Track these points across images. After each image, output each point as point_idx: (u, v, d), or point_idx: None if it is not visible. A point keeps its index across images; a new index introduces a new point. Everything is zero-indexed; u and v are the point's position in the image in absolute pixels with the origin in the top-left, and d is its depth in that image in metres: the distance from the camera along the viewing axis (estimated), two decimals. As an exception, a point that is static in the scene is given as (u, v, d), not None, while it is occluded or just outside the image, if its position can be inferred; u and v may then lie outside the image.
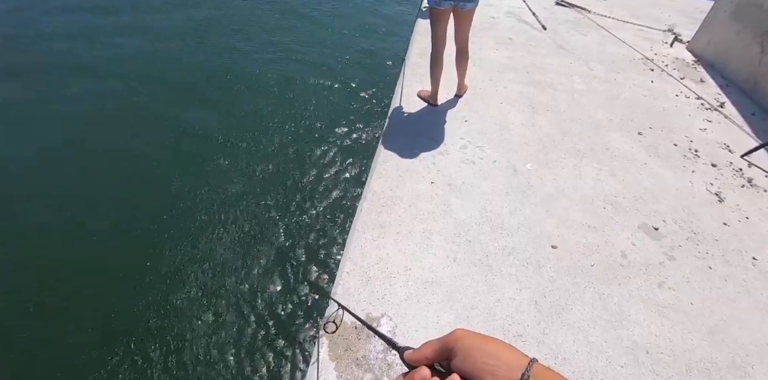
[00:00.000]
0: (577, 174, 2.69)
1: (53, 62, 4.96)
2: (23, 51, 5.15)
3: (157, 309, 2.60)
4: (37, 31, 5.59)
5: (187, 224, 3.14)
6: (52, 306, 2.56)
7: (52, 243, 2.93)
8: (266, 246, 3.04)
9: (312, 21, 6.73)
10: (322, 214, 3.34)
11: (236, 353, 2.44)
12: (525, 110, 3.28)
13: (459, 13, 2.74)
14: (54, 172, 3.49)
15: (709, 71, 4.19)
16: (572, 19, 5.16)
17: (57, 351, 2.35)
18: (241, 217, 3.25)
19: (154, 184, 3.47)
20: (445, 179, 2.54)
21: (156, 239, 3.00)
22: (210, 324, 2.56)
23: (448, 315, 1.81)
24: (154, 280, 2.75)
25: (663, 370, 1.70)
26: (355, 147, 4.11)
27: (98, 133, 3.95)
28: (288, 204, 3.39)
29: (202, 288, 2.74)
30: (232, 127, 4.19)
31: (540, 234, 2.24)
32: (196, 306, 2.64)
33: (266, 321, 2.61)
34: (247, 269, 2.89)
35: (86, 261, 2.83)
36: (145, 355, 2.38)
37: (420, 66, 3.68)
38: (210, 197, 3.38)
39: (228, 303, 2.68)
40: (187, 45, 5.62)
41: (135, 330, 2.48)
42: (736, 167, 2.89)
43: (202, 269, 2.85)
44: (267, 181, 3.60)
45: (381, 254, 2.05)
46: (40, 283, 2.68)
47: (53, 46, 5.29)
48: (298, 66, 5.40)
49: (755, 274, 2.14)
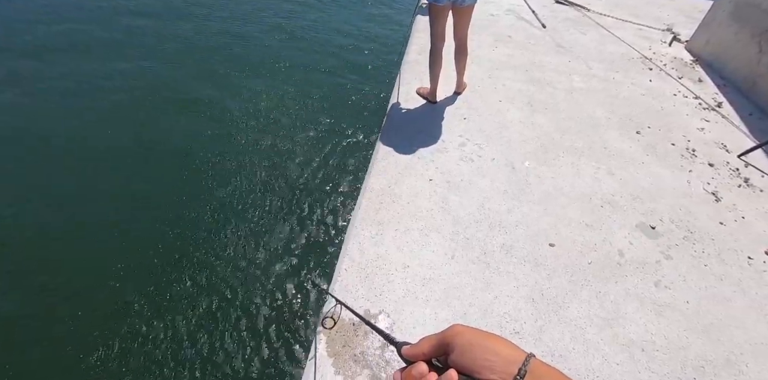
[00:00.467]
0: (575, 172, 2.70)
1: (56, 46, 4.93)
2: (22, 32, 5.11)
3: (155, 305, 2.59)
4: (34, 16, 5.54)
5: (184, 220, 3.13)
6: (52, 305, 2.55)
7: (51, 241, 2.91)
8: (264, 243, 3.04)
9: (311, 13, 6.69)
10: (319, 211, 3.33)
11: (234, 349, 2.44)
12: (524, 108, 3.28)
13: (458, 9, 2.73)
14: (53, 169, 3.47)
15: (708, 71, 4.20)
16: (572, 18, 5.15)
17: (56, 350, 2.35)
18: (239, 213, 3.24)
19: (152, 181, 3.45)
20: (444, 176, 2.54)
21: (153, 235, 2.99)
22: (208, 320, 2.56)
23: (446, 312, 1.82)
24: (152, 275, 2.74)
25: (658, 368, 1.71)
26: (354, 144, 4.10)
27: (95, 127, 3.92)
28: (285, 201, 3.39)
29: (200, 284, 2.74)
30: (227, 123, 4.18)
31: (538, 232, 2.25)
32: (194, 302, 2.64)
33: (264, 317, 2.61)
34: (245, 265, 2.88)
35: (85, 261, 2.81)
36: (143, 352, 2.37)
37: (418, 63, 3.67)
38: (206, 194, 3.37)
39: (226, 299, 2.68)
40: (177, 38, 5.59)
41: (134, 326, 2.48)
42: (733, 167, 2.91)
43: (199, 265, 2.84)
44: (264, 178, 3.59)
45: (379, 251, 2.05)
46: (41, 282, 2.67)
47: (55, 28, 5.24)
48: (294, 62, 5.38)
49: (750, 274, 2.15)
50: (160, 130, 3.99)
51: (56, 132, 3.84)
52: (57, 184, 3.33)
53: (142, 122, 4.07)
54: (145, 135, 3.91)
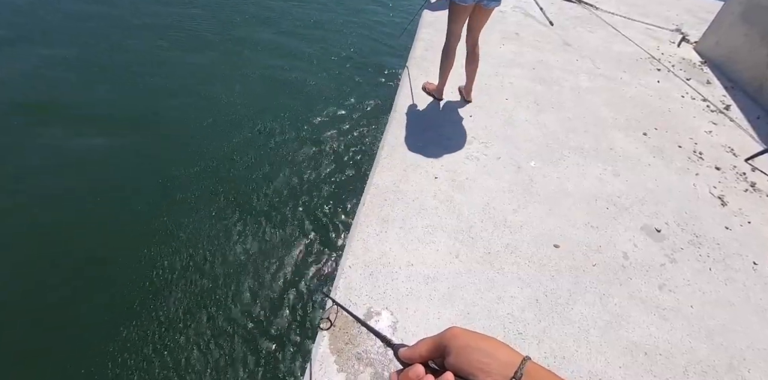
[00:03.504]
0: (580, 173, 2.68)
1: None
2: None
3: (155, 305, 2.57)
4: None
5: (182, 216, 3.11)
6: (53, 303, 2.54)
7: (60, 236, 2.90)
8: (268, 239, 3.02)
9: (316, 9, 6.64)
10: (324, 207, 3.32)
11: (236, 346, 2.43)
12: (530, 107, 3.25)
13: (482, 10, 2.64)
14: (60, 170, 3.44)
15: (716, 73, 4.17)
16: (579, 15, 5.11)
17: (58, 348, 2.34)
18: (242, 210, 3.22)
19: (149, 178, 3.42)
20: (449, 174, 2.53)
21: (153, 233, 2.96)
22: (209, 318, 2.54)
23: (449, 312, 1.81)
24: (149, 271, 2.72)
25: (661, 372, 1.70)
26: (358, 140, 4.08)
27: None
28: (290, 197, 3.37)
29: (201, 283, 2.72)
30: (231, 117, 4.14)
31: (543, 232, 2.24)
32: (195, 300, 2.62)
33: (267, 314, 2.60)
34: (248, 261, 2.87)
35: (84, 260, 2.79)
36: (143, 351, 2.36)
37: (425, 59, 3.63)
38: (209, 190, 3.34)
39: (228, 295, 2.66)
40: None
41: (131, 325, 2.45)
42: (740, 171, 2.89)
43: (199, 262, 2.83)
44: (266, 173, 3.56)
45: (383, 248, 2.04)
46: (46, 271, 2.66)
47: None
48: (299, 58, 5.33)
49: (755, 279, 2.15)
50: (156, 130, 3.92)
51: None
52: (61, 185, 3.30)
53: (139, 119, 4.02)
54: (144, 132, 3.87)
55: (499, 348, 0.43)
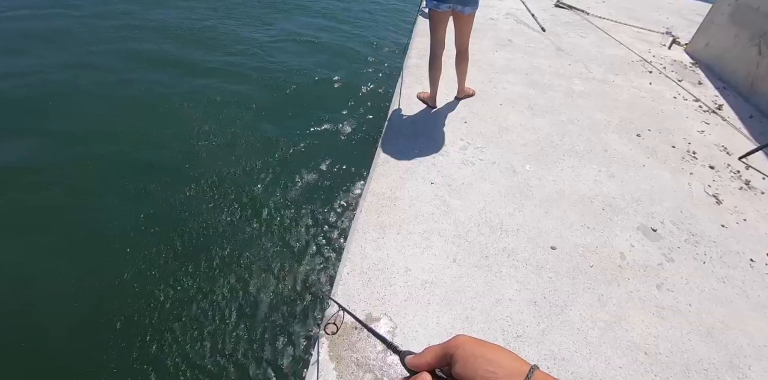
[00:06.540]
0: (576, 175, 2.70)
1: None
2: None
3: (154, 308, 2.59)
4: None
5: (183, 224, 3.13)
6: (51, 302, 2.56)
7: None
8: (266, 246, 3.04)
9: (312, 16, 6.73)
10: (321, 214, 3.34)
11: (235, 353, 2.44)
12: (524, 111, 3.29)
13: (458, 16, 2.73)
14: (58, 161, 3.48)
15: (707, 74, 4.21)
16: (571, 21, 5.18)
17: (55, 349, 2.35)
18: (240, 216, 3.24)
19: (147, 182, 3.46)
20: (445, 180, 2.55)
21: (151, 237, 2.99)
22: (209, 323, 2.56)
23: (448, 316, 1.81)
24: (150, 277, 2.74)
25: (661, 371, 1.70)
26: (355, 147, 4.11)
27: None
28: (288, 204, 3.39)
29: (201, 288, 2.74)
30: (229, 124, 4.19)
31: (539, 235, 2.25)
32: (195, 305, 2.64)
33: (266, 320, 2.61)
34: (246, 268, 2.88)
35: (85, 260, 2.82)
36: (141, 355, 2.37)
37: (419, 67, 3.68)
38: (207, 196, 3.37)
39: (228, 302, 2.68)
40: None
41: (129, 330, 2.47)
42: (734, 169, 2.91)
43: (199, 269, 2.84)
44: (266, 181, 3.59)
45: (381, 255, 2.05)
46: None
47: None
48: (295, 66, 5.40)
49: (753, 276, 2.15)
50: (154, 129, 3.98)
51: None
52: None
53: (139, 118, 4.08)
54: (139, 139, 3.92)
55: (506, 357, 0.42)
